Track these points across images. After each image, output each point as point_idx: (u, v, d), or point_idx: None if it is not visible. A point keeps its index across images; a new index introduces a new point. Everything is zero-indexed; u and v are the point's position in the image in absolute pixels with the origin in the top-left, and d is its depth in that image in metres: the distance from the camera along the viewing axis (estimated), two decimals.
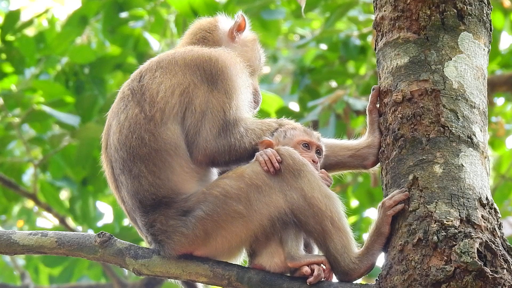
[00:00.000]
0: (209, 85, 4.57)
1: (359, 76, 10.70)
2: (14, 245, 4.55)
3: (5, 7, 13.07)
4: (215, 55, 4.64)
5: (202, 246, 4.42)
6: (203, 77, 4.59)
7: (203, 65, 4.60)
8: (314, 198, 4.39)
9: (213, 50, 4.69)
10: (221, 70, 4.60)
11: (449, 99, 4.37)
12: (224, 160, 4.51)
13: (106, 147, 4.66)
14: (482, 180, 4.30)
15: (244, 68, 4.72)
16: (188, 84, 4.56)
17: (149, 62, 4.71)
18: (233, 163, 4.53)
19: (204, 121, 4.50)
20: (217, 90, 4.57)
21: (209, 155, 4.50)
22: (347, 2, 10.33)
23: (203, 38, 4.92)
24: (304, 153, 4.54)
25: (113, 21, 10.63)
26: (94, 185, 10.60)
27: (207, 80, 4.58)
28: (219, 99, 4.54)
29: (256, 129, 4.56)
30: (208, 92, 4.56)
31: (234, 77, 4.62)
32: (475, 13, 4.50)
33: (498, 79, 10.55)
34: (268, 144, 4.52)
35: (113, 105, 4.70)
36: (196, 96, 4.54)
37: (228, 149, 4.50)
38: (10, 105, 10.35)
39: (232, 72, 4.62)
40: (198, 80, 4.58)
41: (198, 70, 4.60)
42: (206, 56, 4.63)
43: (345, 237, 4.38)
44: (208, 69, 4.60)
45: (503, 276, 4.08)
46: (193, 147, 4.50)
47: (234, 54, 4.75)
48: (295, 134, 4.61)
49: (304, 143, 4.59)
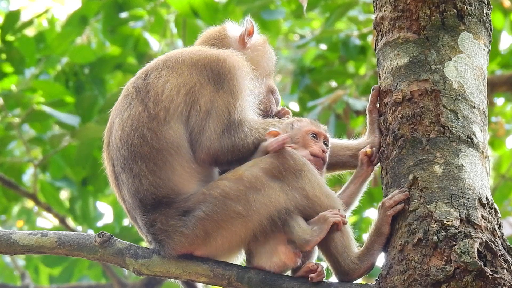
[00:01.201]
0: (215, 85, 4.57)
1: (359, 76, 10.70)
2: (14, 245, 4.55)
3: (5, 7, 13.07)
4: (224, 56, 4.64)
5: (202, 246, 4.42)
6: (209, 77, 4.58)
7: (210, 65, 4.60)
8: (316, 197, 4.39)
9: (222, 51, 4.69)
10: (229, 71, 4.59)
11: (449, 99, 4.37)
12: (227, 159, 4.51)
13: (108, 145, 4.65)
14: (482, 180, 4.30)
15: (251, 72, 4.71)
16: (194, 84, 4.56)
17: (155, 60, 4.70)
18: (236, 162, 4.53)
19: (209, 120, 4.50)
20: (223, 90, 4.57)
21: (213, 154, 4.50)
22: (347, 2, 10.34)
23: (212, 45, 4.90)
24: (313, 143, 4.56)
25: (113, 21, 10.63)
26: (94, 185, 10.60)
27: (214, 80, 4.58)
28: (224, 99, 4.54)
29: (260, 129, 4.56)
30: (214, 92, 4.55)
31: (241, 79, 4.62)
32: (475, 13, 4.50)
33: (498, 79, 10.55)
34: (275, 134, 4.52)
35: (116, 103, 4.69)
36: (201, 95, 4.54)
37: (232, 148, 4.50)
38: (10, 105, 10.35)
39: (239, 74, 4.62)
40: (204, 80, 4.57)
41: (205, 69, 4.59)
42: (214, 56, 4.63)
43: (345, 237, 4.39)
44: (215, 69, 4.59)
45: (503, 276, 4.08)
46: (197, 146, 4.51)
47: (242, 57, 4.74)
48: (302, 125, 4.63)
49: (312, 133, 4.60)
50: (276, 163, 4.41)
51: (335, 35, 10.70)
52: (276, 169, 4.41)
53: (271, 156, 4.43)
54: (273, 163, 4.41)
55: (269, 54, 5.03)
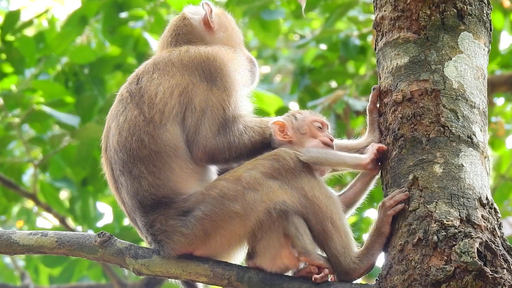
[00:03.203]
0: (208, 83, 4.59)
1: (359, 76, 10.70)
2: (14, 245, 4.55)
3: (5, 7, 13.06)
4: (212, 53, 4.66)
5: (201, 245, 4.42)
6: (201, 76, 4.60)
7: (201, 65, 4.62)
8: (315, 197, 4.39)
9: (210, 48, 4.71)
10: (220, 68, 4.62)
11: (449, 99, 4.37)
12: (224, 157, 4.52)
13: (106, 149, 4.67)
14: (482, 180, 4.30)
15: (242, 64, 4.74)
16: (186, 84, 4.58)
17: (144, 64, 4.73)
18: (233, 160, 4.54)
19: (204, 119, 4.51)
20: (217, 87, 4.58)
21: (209, 152, 4.51)
22: (347, 2, 10.33)
23: (178, 35, 4.89)
24: (320, 132, 4.57)
25: (113, 21, 10.63)
26: (94, 185, 10.60)
27: (206, 79, 4.60)
28: (218, 97, 4.56)
29: (255, 127, 4.58)
30: (208, 90, 4.57)
31: (232, 74, 4.65)
32: (475, 13, 4.50)
33: (498, 79, 10.55)
34: (281, 125, 4.52)
35: (112, 108, 4.72)
36: (195, 95, 4.55)
37: (228, 146, 4.51)
38: (10, 105, 10.35)
39: (230, 69, 4.65)
40: (196, 80, 4.59)
41: (196, 70, 4.61)
42: (203, 55, 4.65)
43: (345, 237, 4.39)
44: (206, 68, 4.61)
45: (503, 276, 4.08)
46: (193, 145, 4.52)
47: (230, 51, 4.77)
48: (305, 115, 4.63)
49: (317, 122, 4.60)
50: (277, 166, 4.42)
51: (335, 35, 10.70)
52: (276, 171, 4.41)
53: (271, 159, 4.43)
54: (273, 166, 4.42)
55: (234, 26, 5.05)
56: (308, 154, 4.42)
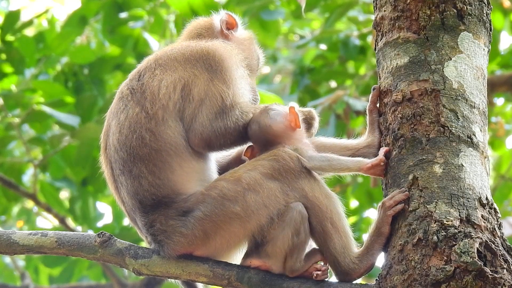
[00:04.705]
0: (209, 74, 4.60)
1: (359, 76, 10.70)
2: (14, 245, 4.55)
3: (5, 7, 13.06)
4: (212, 47, 4.68)
5: (201, 246, 4.42)
6: (203, 69, 4.62)
7: (202, 58, 4.63)
8: (315, 198, 4.39)
9: (210, 43, 4.73)
10: (219, 62, 4.63)
11: (449, 99, 4.37)
12: (219, 143, 4.52)
13: (105, 148, 4.66)
14: (482, 180, 4.30)
15: (241, 60, 4.75)
16: (188, 76, 4.59)
17: (146, 60, 4.73)
18: (228, 146, 4.56)
19: (202, 108, 4.52)
20: (217, 79, 4.60)
21: (206, 138, 4.51)
22: (347, 2, 10.33)
23: (198, 35, 4.95)
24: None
25: (112, 21, 10.63)
26: (94, 186, 10.60)
27: (207, 70, 4.61)
28: (218, 88, 4.57)
29: (250, 113, 4.58)
30: (209, 80, 4.59)
31: (231, 68, 4.66)
32: (475, 13, 4.50)
33: (498, 79, 10.55)
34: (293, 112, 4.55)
35: (111, 106, 4.71)
36: (195, 85, 4.57)
37: (224, 131, 4.52)
38: (10, 105, 10.35)
39: (229, 63, 4.66)
40: (198, 72, 4.61)
41: (197, 63, 4.62)
42: (204, 49, 4.67)
43: (345, 237, 4.39)
44: (207, 61, 4.63)
45: (503, 276, 4.08)
46: (190, 132, 4.52)
47: (231, 46, 4.78)
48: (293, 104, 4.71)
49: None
50: (277, 166, 4.42)
51: (335, 35, 10.70)
52: (276, 171, 4.41)
53: (270, 159, 4.44)
54: (273, 166, 4.42)
55: (254, 52, 5.07)
56: (312, 162, 4.43)
